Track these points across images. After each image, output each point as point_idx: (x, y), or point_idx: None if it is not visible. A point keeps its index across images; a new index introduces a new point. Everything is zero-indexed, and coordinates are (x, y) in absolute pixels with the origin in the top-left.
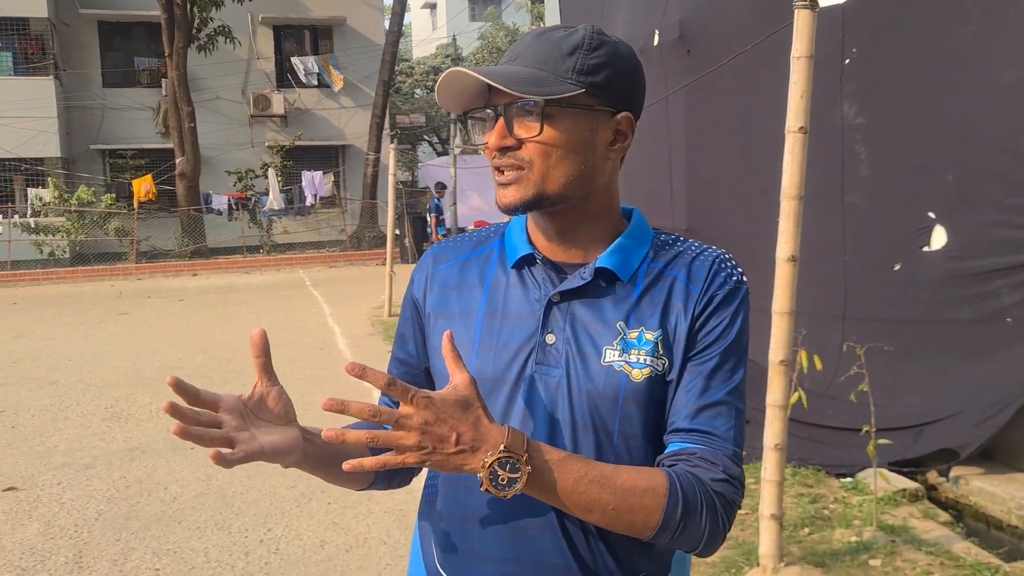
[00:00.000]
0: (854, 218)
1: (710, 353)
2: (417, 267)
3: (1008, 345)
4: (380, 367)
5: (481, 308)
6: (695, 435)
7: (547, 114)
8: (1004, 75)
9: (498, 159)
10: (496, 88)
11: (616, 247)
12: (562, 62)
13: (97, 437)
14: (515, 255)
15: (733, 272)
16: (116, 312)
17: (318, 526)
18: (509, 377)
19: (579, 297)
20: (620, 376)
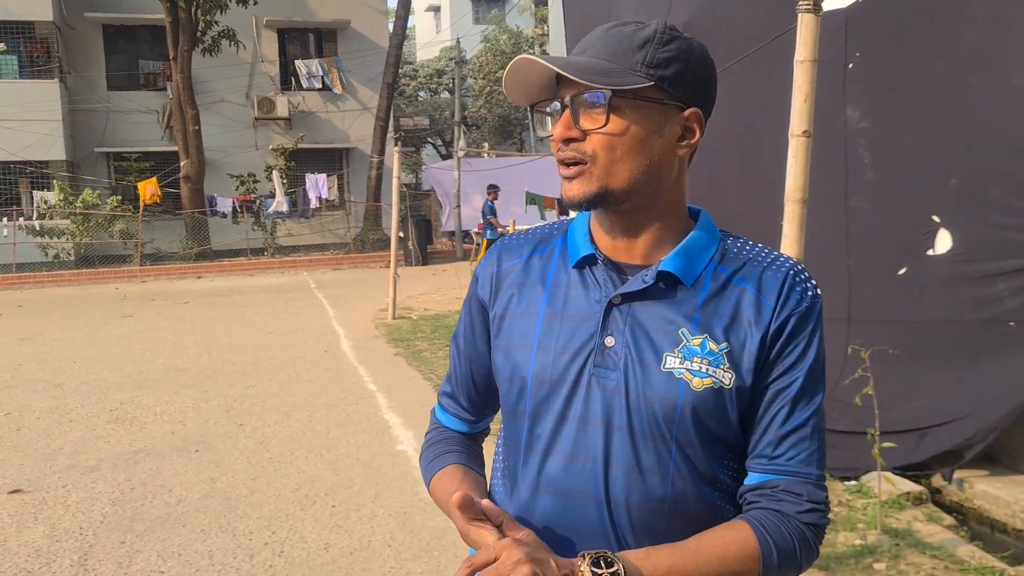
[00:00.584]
0: (858, 222)
1: (792, 376)
2: (482, 264)
3: (1012, 348)
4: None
5: (542, 307)
6: (779, 463)
7: (613, 106)
8: (1010, 77)
9: (562, 151)
10: (564, 79)
11: (681, 249)
12: (632, 54)
13: (102, 439)
14: (576, 254)
15: (808, 287)
16: (120, 314)
17: (323, 529)
18: (567, 379)
19: (640, 300)
20: (680, 384)
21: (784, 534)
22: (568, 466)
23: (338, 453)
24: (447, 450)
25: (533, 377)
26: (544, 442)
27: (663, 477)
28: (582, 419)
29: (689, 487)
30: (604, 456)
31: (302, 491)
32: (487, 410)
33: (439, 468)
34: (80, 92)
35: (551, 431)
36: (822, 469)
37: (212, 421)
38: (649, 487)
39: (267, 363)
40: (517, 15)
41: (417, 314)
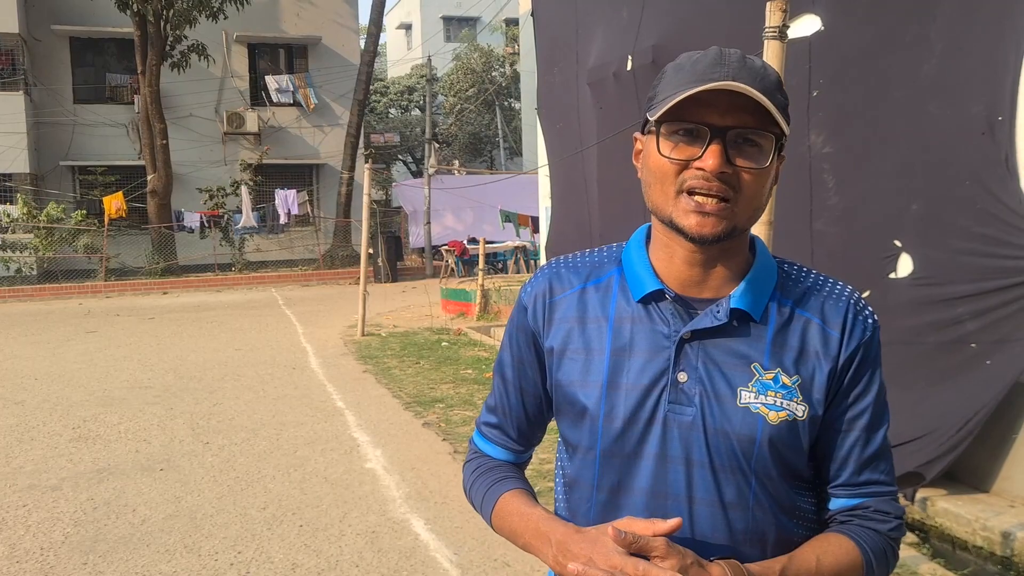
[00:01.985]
0: (823, 245)
1: (864, 404)
2: (530, 292)
3: (972, 370)
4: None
5: (608, 344)
6: (864, 488)
7: (776, 147)
8: (968, 107)
9: (702, 182)
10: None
11: (748, 285)
12: (775, 95)
13: (64, 458)
14: (642, 289)
15: (869, 316)
16: (84, 330)
17: (289, 549)
18: (642, 416)
19: (711, 336)
20: (757, 418)
21: (879, 549)
22: (649, 503)
23: (306, 472)
24: (504, 476)
25: (605, 415)
26: (618, 480)
27: (744, 510)
28: (660, 456)
29: (768, 518)
30: (687, 493)
31: (269, 510)
32: (534, 440)
33: (502, 493)
34: (46, 105)
35: (626, 469)
36: (895, 484)
37: (177, 439)
38: (731, 520)
39: (234, 380)
40: (488, 34)
41: (386, 331)
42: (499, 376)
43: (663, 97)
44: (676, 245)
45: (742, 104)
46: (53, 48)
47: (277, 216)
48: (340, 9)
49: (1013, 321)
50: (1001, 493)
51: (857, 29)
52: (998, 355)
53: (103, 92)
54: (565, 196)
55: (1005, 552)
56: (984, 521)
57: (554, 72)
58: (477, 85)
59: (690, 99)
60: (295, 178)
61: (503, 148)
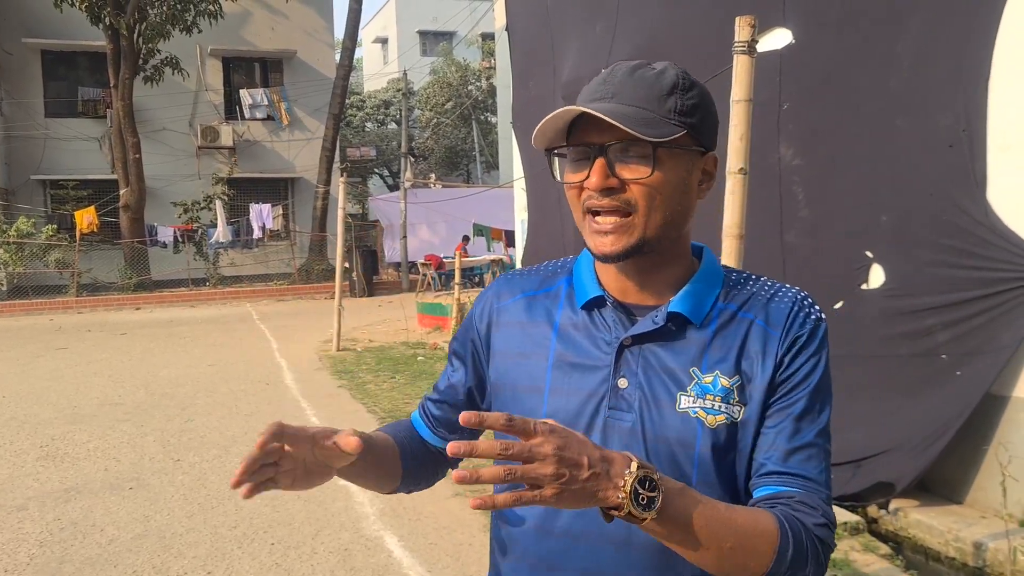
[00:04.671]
0: (794, 257)
1: (797, 395)
2: (480, 298)
3: (943, 381)
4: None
5: (551, 349)
6: (789, 478)
7: (657, 156)
8: (935, 120)
9: (595, 200)
10: (591, 125)
11: (689, 290)
12: (663, 102)
13: (31, 477)
14: (585, 296)
15: (812, 311)
16: (54, 347)
17: (260, 568)
18: (581, 421)
19: (651, 341)
20: (696, 423)
21: (800, 537)
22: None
23: (277, 489)
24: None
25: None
26: None
27: None
28: None
29: None
30: None
31: (240, 529)
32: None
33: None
34: (17, 118)
35: None
36: (830, 490)
37: (148, 457)
38: None
39: (207, 397)
40: (464, 48)
41: (362, 346)
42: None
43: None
44: None
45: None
46: (25, 61)
47: (252, 230)
48: (315, 23)
49: (983, 332)
50: (974, 504)
51: (826, 44)
52: (968, 366)
53: (75, 106)
54: (541, 209)
55: (978, 563)
56: (957, 532)
57: (529, 86)
58: (454, 99)
59: (577, 122)
60: (270, 192)
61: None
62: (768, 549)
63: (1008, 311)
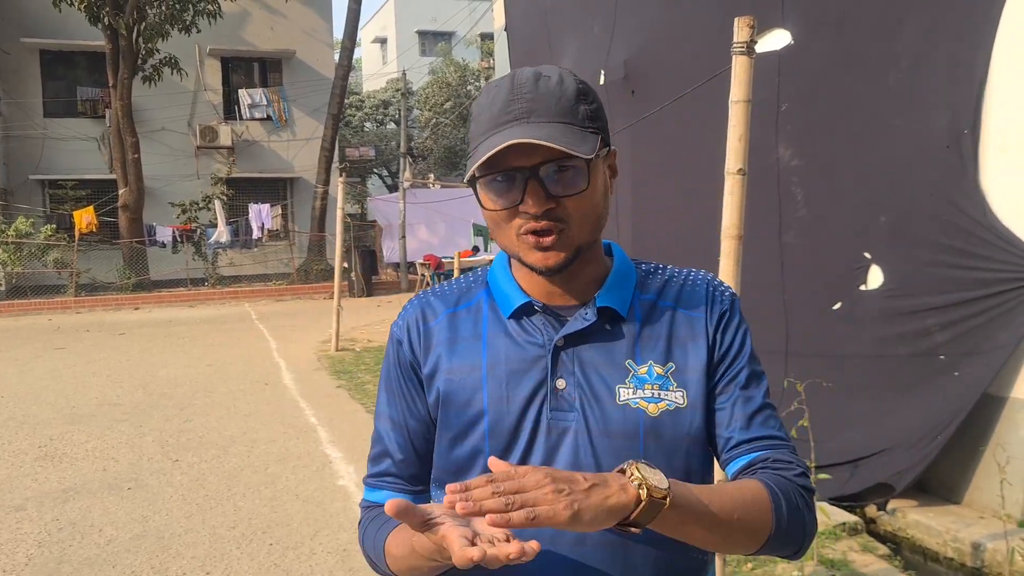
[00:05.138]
0: (793, 257)
1: (738, 365)
2: (401, 324)
3: (942, 381)
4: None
5: (483, 361)
6: (757, 442)
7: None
8: (933, 120)
9: (534, 223)
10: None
11: (611, 284)
12: (576, 112)
13: (29, 477)
14: (511, 305)
15: (726, 290)
16: (52, 347)
17: (259, 568)
18: (525, 427)
19: (583, 339)
20: (637, 413)
21: (789, 491)
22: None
23: (277, 489)
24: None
25: (490, 432)
26: None
27: None
28: (548, 465)
29: None
30: None
31: (238, 529)
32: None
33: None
34: (15, 118)
35: None
36: (790, 440)
37: (146, 457)
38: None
39: (205, 397)
40: (463, 48)
41: (361, 346)
42: (381, 421)
43: (472, 149)
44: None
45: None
46: (23, 61)
47: (251, 230)
48: (314, 23)
49: (981, 332)
50: (972, 504)
51: (825, 44)
52: (967, 366)
53: (74, 106)
54: None
55: (976, 564)
56: (955, 532)
57: None
58: (453, 99)
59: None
60: (269, 192)
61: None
62: (767, 511)
63: (1006, 311)
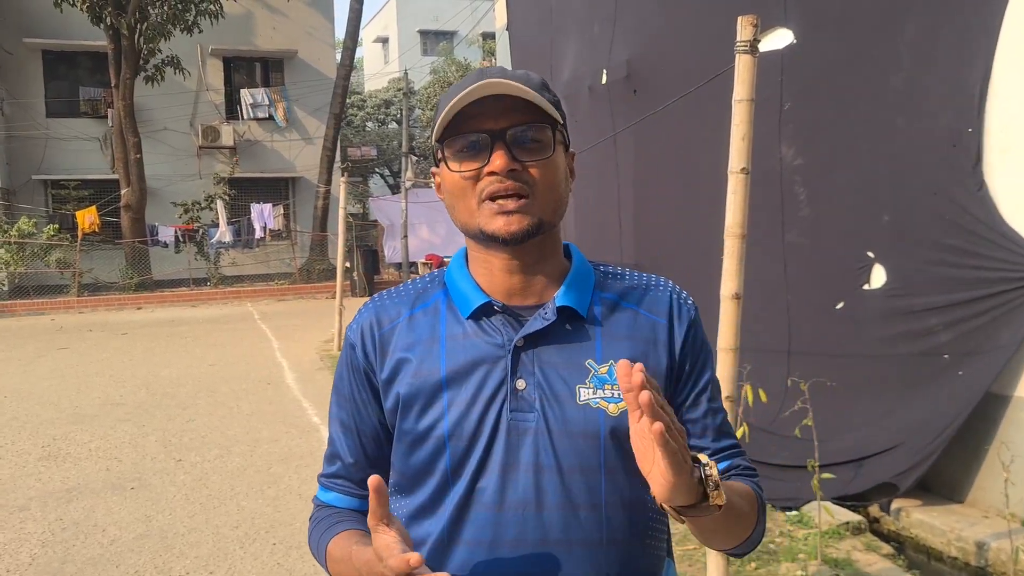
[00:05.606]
0: (796, 257)
1: (705, 379)
2: (355, 328)
3: (945, 380)
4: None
5: (442, 363)
6: (726, 451)
7: (556, 139)
8: (936, 119)
9: (498, 184)
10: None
11: (570, 283)
12: (542, 94)
13: (32, 477)
14: (469, 305)
15: (687, 298)
16: (55, 346)
17: (263, 568)
18: (485, 429)
19: (543, 339)
20: (598, 413)
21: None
22: (498, 515)
23: (280, 489)
24: (339, 520)
25: (450, 434)
26: (462, 495)
27: (595, 509)
28: (508, 466)
29: (621, 514)
30: (536, 498)
31: (242, 529)
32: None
33: (332, 536)
34: (18, 118)
35: (471, 483)
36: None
37: (149, 457)
38: (584, 521)
39: (208, 396)
40: (465, 47)
41: None
42: (333, 423)
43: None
44: (493, 257)
45: (511, 106)
46: (25, 61)
47: (253, 230)
48: (316, 23)
49: (984, 332)
50: (975, 503)
51: (827, 44)
52: (970, 365)
53: (76, 106)
54: None
55: (980, 563)
56: (959, 532)
57: None
58: None
59: (465, 116)
60: (271, 192)
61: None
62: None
63: (1010, 311)
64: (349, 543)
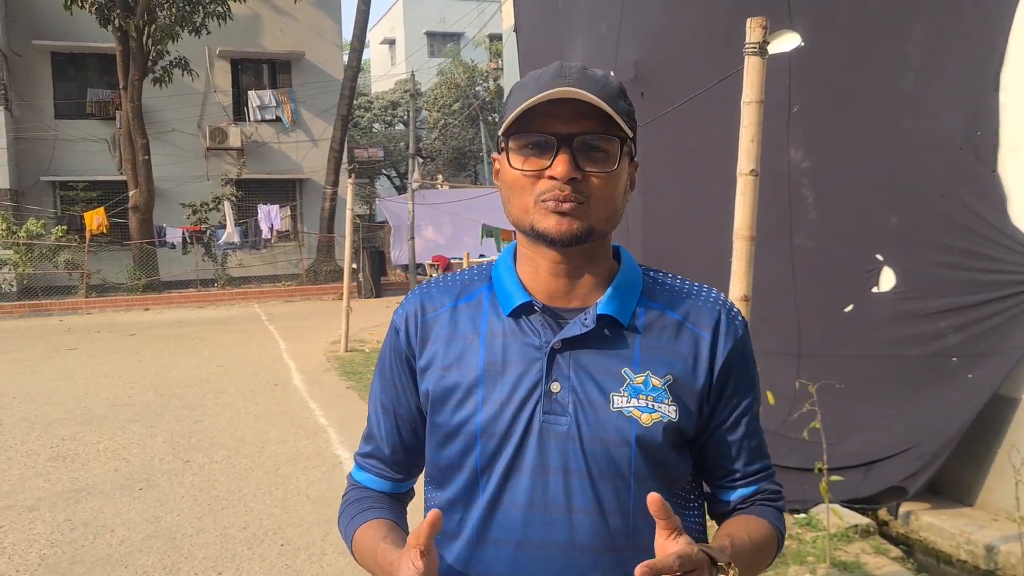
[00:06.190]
0: (804, 259)
1: (747, 401)
2: (401, 314)
3: (954, 383)
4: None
5: (480, 359)
6: (757, 475)
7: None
8: (944, 121)
9: (558, 190)
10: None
11: (614, 291)
12: (617, 103)
13: (41, 478)
14: (511, 303)
15: (737, 315)
16: (64, 347)
17: (270, 569)
18: (517, 429)
19: (581, 343)
20: (631, 422)
21: (782, 521)
22: (526, 517)
23: (287, 490)
24: (369, 506)
25: (482, 431)
26: (492, 493)
27: (623, 516)
28: (538, 468)
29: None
30: (566, 502)
31: (250, 530)
32: (413, 469)
33: (361, 524)
34: (26, 120)
35: (501, 482)
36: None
37: (157, 458)
38: (612, 527)
39: (215, 397)
40: (472, 49)
41: (370, 347)
42: (373, 403)
43: (509, 112)
44: (540, 257)
45: (584, 112)
46: (34, 63)
47: (260, 231)
48: (323, 25)
49: (994, 334)
50: (984, 506)
51: (835, 46)
52: (979, 368)
53: (84, 107)
54: None
55: (989, 566)
56: (968, 535)
57: None
58: (461, 100)
59: (536, 112)
60: (278, 193)
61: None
62: (773, 549)
63: (1019, 313)
64: (377, 537)
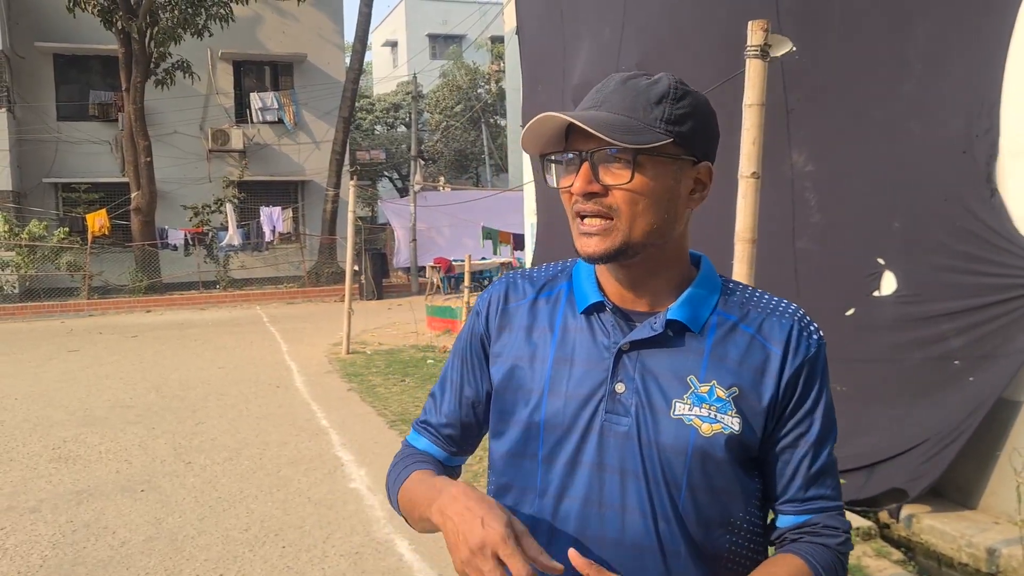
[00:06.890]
0: (806, 263)
1: (811, 421)
2: (485, 298)
3: (956, 386)
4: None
5: (551, 353)
6: (811, 503)
7: (638, 163)
8: (947, 125)
9: (581, 204)
10: (580, 132)
11: (686, 298)
12: (650, 111)
13: (43, 479)
14: (585, 301)
15: (815, 332)
16: (66, 349)
17: (272, 570)
18: (579, 424)
19: (649, 347)
20: (690, 430)
21: (830, 565)
22: (582, 511)
23: (289, 492)
24: (423, 461)
25: (546, 422)
26: (557, 486)
27: (675, 522)
28: (596, 465)
29: (699, 530)
30: (621, 502)
31: (251, 531)
32: (466, 447)
33: (412, 472)
34: (29, 122)
35: (564, 475)
36: (841, 499)
37: (159, 459)
38: (661, 531)
39: (217, 399)
40: (474, 51)
41: (371, 349)
42: (443, 378)
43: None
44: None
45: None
46: (36, 65)
47: (262, 233)
48: (325, 27)
49: (996, 337)
50: (987, 509)
51: (837, 49)
52: (981, 371)
53: (87, 109)
54: (550, 212)
55: (991, 569)
56: (970, 538)
57: (538, 89)
58: (463, 102)
59: (572, 128)
60: (280, 195)
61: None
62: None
63: (1022, 317)
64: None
